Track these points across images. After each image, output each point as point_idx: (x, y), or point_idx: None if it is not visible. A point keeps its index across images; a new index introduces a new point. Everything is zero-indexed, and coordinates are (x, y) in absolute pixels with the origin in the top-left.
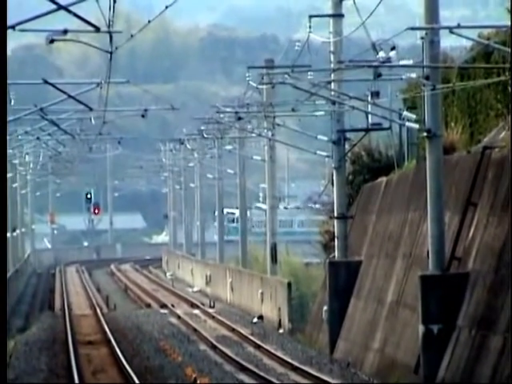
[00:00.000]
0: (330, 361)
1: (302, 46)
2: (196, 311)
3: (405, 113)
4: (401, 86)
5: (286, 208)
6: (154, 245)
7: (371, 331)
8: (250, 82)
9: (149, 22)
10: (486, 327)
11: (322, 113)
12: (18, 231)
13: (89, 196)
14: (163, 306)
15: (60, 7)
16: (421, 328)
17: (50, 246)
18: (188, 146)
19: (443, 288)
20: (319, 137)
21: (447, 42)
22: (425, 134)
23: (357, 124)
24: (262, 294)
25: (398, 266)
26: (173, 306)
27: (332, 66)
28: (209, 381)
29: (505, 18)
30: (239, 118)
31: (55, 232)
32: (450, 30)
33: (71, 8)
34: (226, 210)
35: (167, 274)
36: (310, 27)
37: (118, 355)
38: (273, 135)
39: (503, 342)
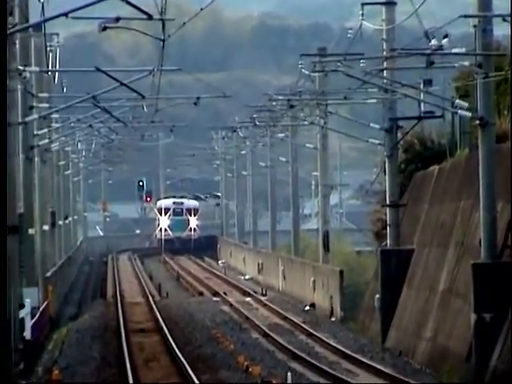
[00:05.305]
0: (381, 349)
1: (355, 33)
2: (248, 299)
3: (457, 101)
4: (453, 74)
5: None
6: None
7: (423, 320)
8: (303, 70)
9: (201, 9)
10: None
11: (374, 101)
12: (70, 219)
13: (141, 184)
14: (215, 293)
15: None
16: (473, 316)
17: (102, 234)
18: (240, 133)
19: (495, 276)
20: (371, 125)
21: (500, 30)
22: (477, 122)
23: (409, 112)
24: (314, 282)
25: (450, 255)
26: (225, 293)
27: (384, 53)
28: (261, 369)
29: None
30: (291, 106)
31: (107, 220)
32: (503, 18)
33: None
34: (167, 201)
35: (219, 262)
36: (362, 15)
37: (170, 343)
38: (325, 123)
39: None
